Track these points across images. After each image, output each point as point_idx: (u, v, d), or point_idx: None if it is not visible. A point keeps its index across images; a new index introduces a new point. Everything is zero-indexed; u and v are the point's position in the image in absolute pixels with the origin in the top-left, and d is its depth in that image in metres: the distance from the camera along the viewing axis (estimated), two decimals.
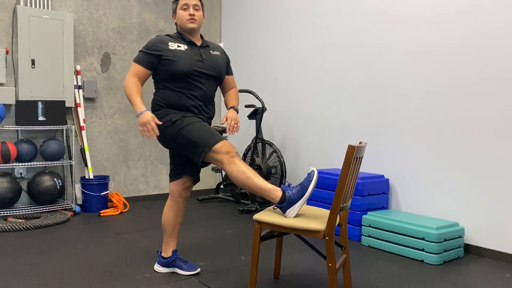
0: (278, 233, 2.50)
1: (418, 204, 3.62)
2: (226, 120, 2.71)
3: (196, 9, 2.70)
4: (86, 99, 4.85)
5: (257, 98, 4.59)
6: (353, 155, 2.13)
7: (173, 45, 2.63)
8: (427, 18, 3.53)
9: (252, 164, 4.71)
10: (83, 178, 4.65)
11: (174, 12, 2.73)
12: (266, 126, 5.11)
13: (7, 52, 4.27)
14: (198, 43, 2.74)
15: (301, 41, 4.65)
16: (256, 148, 4.86)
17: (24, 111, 4.23)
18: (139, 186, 5.26)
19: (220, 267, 2.93)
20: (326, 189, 3.85)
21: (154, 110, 2.67)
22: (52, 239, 3.56)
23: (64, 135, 4.63)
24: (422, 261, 3.11)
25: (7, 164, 4.12)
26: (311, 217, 2.33)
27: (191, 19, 2.67)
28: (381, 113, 3.88)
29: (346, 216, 2.49)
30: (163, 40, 2.63)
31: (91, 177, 4.70)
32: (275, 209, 2.41)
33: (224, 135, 4.99)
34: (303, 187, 2.28)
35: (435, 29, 3.48)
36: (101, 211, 4.51)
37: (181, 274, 2.77)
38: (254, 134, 4.85)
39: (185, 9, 2.67)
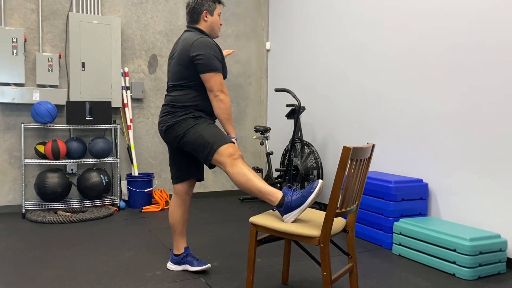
0: (275, 237, 2.40)
1: (460, 212, 3.30)
2: None
3: None
4: (133, 100, 5.07)
5: (294, 97, 4.48)
6: (348, 157, 1.97)
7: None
8: (471, 9, 3.20)
9: (289, 165, 4.61)
10: (129, 175, 4.86)
11: (211, 13, 2.72)
12: (307, 127, 4.98)
13: (60, 56, 4.58)
14: None
15: (341, 40, 4.46)
16: (294, 149, 4.75)
17: (73, 111, 4.51)
18: None
19: (232, 268, 2.89)
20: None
21: (176, 106, 2.64)
22: (89, 232, 3.75)
23: (112, 134, 4.87)
24: (454, 275, 2.82)
25: (59, 161, 4.42)
26: (309, 222, 2.21)
27: (220, 29, 2.81)
28: (421, 113, 3.59)
29: (354, 222, 2.33)
30: (217, 44, 2.68)
31: (136, 174, 4.90)
32: (274, 211, 2.32)
33: (263, 135, 4.94)
34: (303, 196, 2.17)
35: (481, 21, 3.14)
36: (143, 207, 4.68)
37: (191, 272, 2.78)
38: (297, 134, 4.73)
39: (219, 16, 2.78)
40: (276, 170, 4.65)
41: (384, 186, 3.39)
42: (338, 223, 2.27)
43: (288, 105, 4.74)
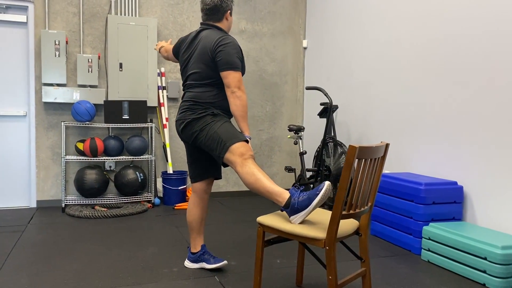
0: (284, 238, 2.34)
1: (498, 218, 3.07)
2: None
3: None
4: (169, 99, 5.17)
5: (325, 95, 4.38)
6: (354, 156, 1.89)
7: None
8: None
9: (321, 165, 4.51)
10: (164, 173, 4.96)
11: (231, 13, 2.78)
12: (343, 126, 4.85)
13: (99, 57, 4.76)
14: None
15: (377, 36, 4.30)
16: (326, 148, 4.64)
17: (111, 110, 4.67)
18: (219, 182, 5.42)
19: (249, 268, 2.86)
20: (389, 195, 3.50)
21: (197, 103, 2.65)
22: (120, 228, 3.87)
23: (149, 133, 5.00)
24: (484, 285, 2.63)
25: (98, 158, 4.59)
26: (317, 224, 2.14)
27: None
28: (460, 111, 3.38)
29: (367, 225, 2.23)
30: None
31: (171, 172, 4.99)
32: (282, 211, 2.27)
33: None
34: (309, 198, 2.11)
35: None
36: (176, 205, 4.76)
37: (207, 269, 2.78)
38: (329, 133, 4.62)
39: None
40: (308, 170, 4.57)
41: (414, 188, 3.23)
42: (349, 225, 2.18)
43: (322, 104, 4.64)
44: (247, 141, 2.52)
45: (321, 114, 4.55)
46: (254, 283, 2.27)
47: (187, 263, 2.88)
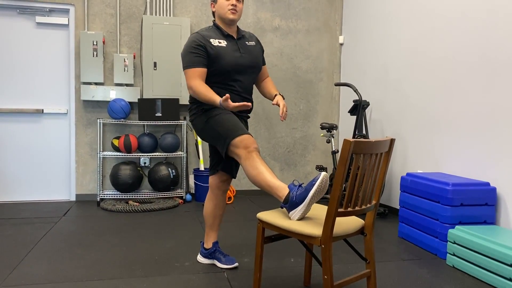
0: (283, 235, 2.28)
1: None
2: (278, 105, 2.64)
3: (238, 1, 2.64)
4: None
5: (355, 91, 4.23)
6: (348, 151, 1.80)
7: (214, 41, 2.59)
8: None
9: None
10: (196, 170, 5.02)
11: (214, 1, 2.68)
12: (377, 123, 4.67)
13: (134, 57, 4.90)
14: (235, 36, 2.70)
15: (414, 31, 4.10)
16: None
17: (145, 107, 4.80)
18: (245, 180, 5.40)
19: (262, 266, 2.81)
20: (416, 195, 3.33)
21: (192, 102, 2.70)
22: (147, 222, 3.96)
23: (182, 130, 5.09)
24: None
25: (133, 154, 4.74)
26: (316, 221, 2.07)
27: (232, 9, 2.60)
28: (495, 108, 3.14)
29: (372, 224, 2.13)
30: (203, 37, 2.58)
31: (203, 169, 5.05)
32: (282, 208, 2.21)
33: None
34: (306, 190, 2.04)
35: None
36: None
37: (218, 267, 2.78)
38: (359, 131, 4.47)
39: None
40: (335, 168, 4.44)
41: (441, 189, 3.04)
42: (351, 223, 2.09)
43: (354, 101, 4.50)
44: (250, 134, 2.47)
45: (352, 111, 4.41)
46: (254, 280, 2.23)
47: (200, 258, 2.89)
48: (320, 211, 2.27)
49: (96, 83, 4.86)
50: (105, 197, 4.79)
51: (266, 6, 5.36)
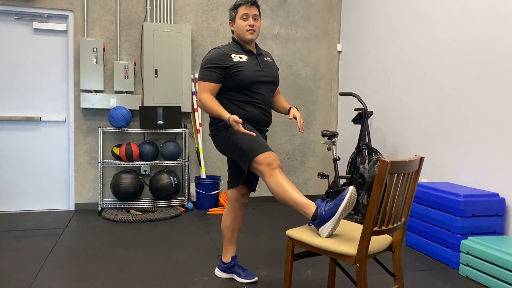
0: (313, 252, 2.29)
1: None
2: (294, 118, 2.71)
3: (255, 19, 2.69)
4: None
5: (359, 101, 4.28)
6: (385, 172, 1.83)
7: (235, 57, 2.63)
8: None
9: (355, 172, 4.41)
10: (197, 178, 5.00)
11: (232, 20, 2.72)
12: (378, 131, 4.73)
13: (135, 64, 4.85)
14: (254, 51, 2.72)
15: (415, 39, 4.17)
16: (360, 155, 4.54)
17: (146, 115, 4.75)
18: None
19: (279, 280, 2.83)
20: (426, 206, 3.39)
21: (213, 117, 2.71)
22: (154, 232, 3.92)
23: (183, 138, 5.05)
24: None
25: (133, 162, 4.68)
26: (347, 239, 2.09)
27: (251, 30, 2.66)
28: (502, 118, 3.22)
29: (400, 241, 2.16)
30: (225, 53, 2.62)
31: (204, 176, 5.02)
32: (310, 226, 2.22)
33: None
34: (335, 205, 2.06)
35: None
36: (209, 210, 4.79)
37: (238, 281, 2.77)
38: (363, 140, 4.52)
39: (244, 19, 2.66)
40: (341, 177, 4.49)
41: (452, 200, 3.10)
42: (381, 241, 2.12)
43: (356, 109, 4.55)
44: (272, 151, 2.49)
45: (356, 120, 4.46)
46: None
47: (217, 272, 2.88)
48: (347, 227, 2.29)
49: (96, 91, 4.78)
50: (106, 206, 4.72)
51: (266, 13, 5.37)
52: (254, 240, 3.72)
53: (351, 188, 2.07)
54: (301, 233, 2.16)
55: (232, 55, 2.62)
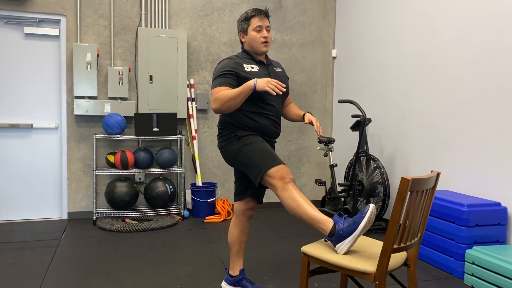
0: (328, 269, 2.27)
1: None
2: (310, 122, 2.63)
3: (268, 31, 2.66)
4: (198, 111, 5.15)
5: (358, 108, 4.29)
6: (407, 189, 1.81)
7: (247, 67, 2.59)
8: None
9: (354, 179, 4.41)
10: (193, 185, 4.94)
11: (244, 31, 2.67)
12: (375, 138, 4.75)
13: (129, 70, 4.76)
14: (265, 62, 2.69)
15: (412, 45, 4.19)
16: (359, 162, 4.55)
17: (141, 122, 4.67)
18: None
19: None
20: (430, 215, 3.39)
21: (222, 127, 2.66)
22: (152, 243, 3.86)
23: (178, 144, 4.98)
24: None
25: (128, 170, 4.60)
26: (365, 255, 2.07)
27: (265, 42, 2.63)
28: (504, 126, 3.26)
29: (416, 256, 2.15)
30: (237, 62, 2.58)
31: (200, 184, 4.97)
32: (326, 241, 2.20)
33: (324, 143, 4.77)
34: (355, 222, 2.04)
35: None
36: (206, 218, 4.73)
37: None
38: (361, 147, 4.53)
39: (258, 31, 2.62)
40: (340, 184, 4.48)
41: (456, 210, 3.12)
42: (398, 257, 2.10)
43: (353, 116, 4.55)
44: (284, 164, 2.46)
45: (354, 127, 4.46)
46: None
47: (225, 285, 2.84)
48: (362, 242, 2.27)
49: (89, 97, 4.68)
50: (100, 215, 4.63)
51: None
52: (256, 250, 3.69)
53: (372, 206, 2.05)
54: (318, 250, 2.13)
55: (244, 65, 2.59)
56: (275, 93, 2.33)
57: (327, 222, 2.15)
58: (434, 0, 3.93)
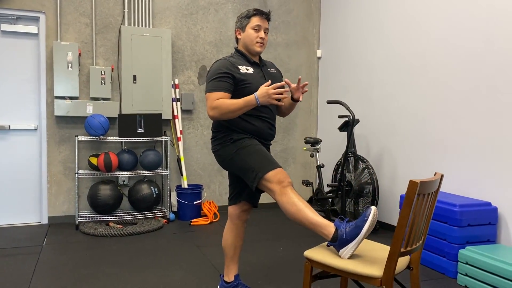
0: (331, 273, 2.23)
1: None
2: (298, 100, 2.51)
3: (266, 33, 2.61)
4: (183, 111, 5.05)
5: (347, 109, 4.28)
6: (415, 193, 1.79)
7: (242, 68, 2.52)
8: None
9: (342, 180, 4.41)
10: (178, 187, 4.84)
11: (242, 28, 2.60)
12: (361, 139, 4.75)
13: (112, 69, 4.63)
14: (259, 63, 2.63)
15: (400, 47, 4.21)
16: (347, 163, 4.55)
17: (125, 123, 4.54)
18: None
19: None
20: None
21: (217, 130, 2.60)
22: (139, 248, 3.75)
23: (163, 146, 4.87)
24: None
25: (111, 173, 4.46)
26: (369, 259, 2.04)
27: (261, 43, 2.57)
28: (491, 127, 3.30)
29: (419, 259, 2.13)
30: (232, 64, 2.50)
31: (186, 186, 4.87)
32: (328, 246, 2.16)
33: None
34: (357, 226, 2.00)
35: None
36: (192, 220, 4.64)
37: None
38: (350, 148, 4.53)
39: (256, 30, 2.56)
40: (328, 185, 4.46)
41: (448, 210, 3.14)
42: (403, 260, 2.08)
43: (340, 117, 4.54)
44: (281, 167, 2.40)
45: (342, 128, 4.45)
46: None
47: None
48: (365, 246, 2.24)
49: (70, 97, 4.52)
50: (83, 219, 4.47)
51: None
52: (248, 254, 3.63)
53: (374, 209, 2.02)
54: (321, 255, 2.09)
55: (239, 66, 2.52)
56: (280, 102, 2.30)
57: (329, 227, 2.11)
58: (421, 0, 3.96)
